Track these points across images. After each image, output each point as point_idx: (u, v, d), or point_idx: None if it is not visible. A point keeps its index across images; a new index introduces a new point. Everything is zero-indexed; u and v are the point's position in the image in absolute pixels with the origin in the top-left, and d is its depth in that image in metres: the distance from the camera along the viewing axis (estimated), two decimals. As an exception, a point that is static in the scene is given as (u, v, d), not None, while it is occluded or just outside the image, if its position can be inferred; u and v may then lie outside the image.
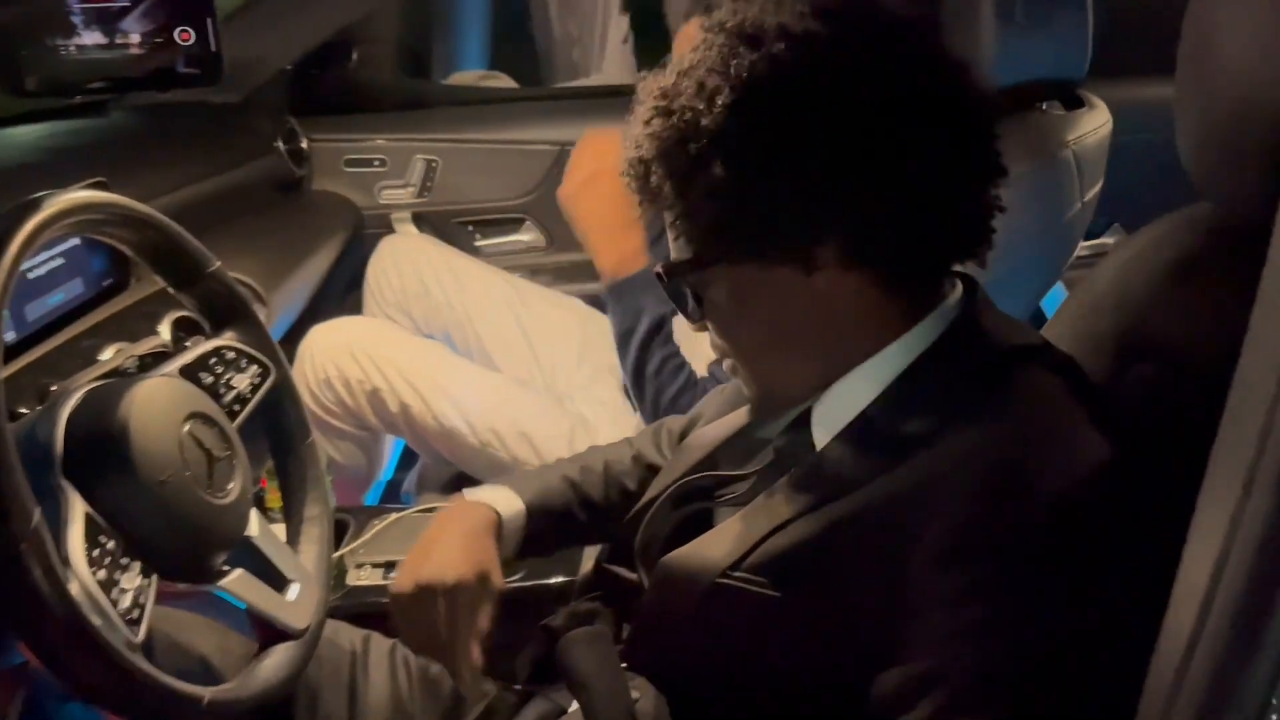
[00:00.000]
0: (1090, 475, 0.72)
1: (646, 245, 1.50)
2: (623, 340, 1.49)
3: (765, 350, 0.84)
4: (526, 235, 2.17)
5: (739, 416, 0.96)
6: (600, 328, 1.89)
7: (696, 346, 1.57)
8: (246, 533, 0.90)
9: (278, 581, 0.92)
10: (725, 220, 0.78)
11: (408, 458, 1.94)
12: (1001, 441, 0.73)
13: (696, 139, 0.76)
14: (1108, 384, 0.89)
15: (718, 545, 0.82)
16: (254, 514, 0.92)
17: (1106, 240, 2.11)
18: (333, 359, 1.68)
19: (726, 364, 0.88)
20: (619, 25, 2.87)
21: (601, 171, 1.52)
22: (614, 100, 2.21)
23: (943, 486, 0.72)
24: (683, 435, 1.06)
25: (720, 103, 0.75)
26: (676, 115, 0.77)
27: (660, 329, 1.49)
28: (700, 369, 1.47)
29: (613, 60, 2.90)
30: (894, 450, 0.77)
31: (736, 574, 0.79)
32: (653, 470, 1.06)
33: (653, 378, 1.46)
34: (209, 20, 1.43)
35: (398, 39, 2.36)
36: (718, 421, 0.99)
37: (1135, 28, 2.04)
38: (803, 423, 0.86)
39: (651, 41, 2.83)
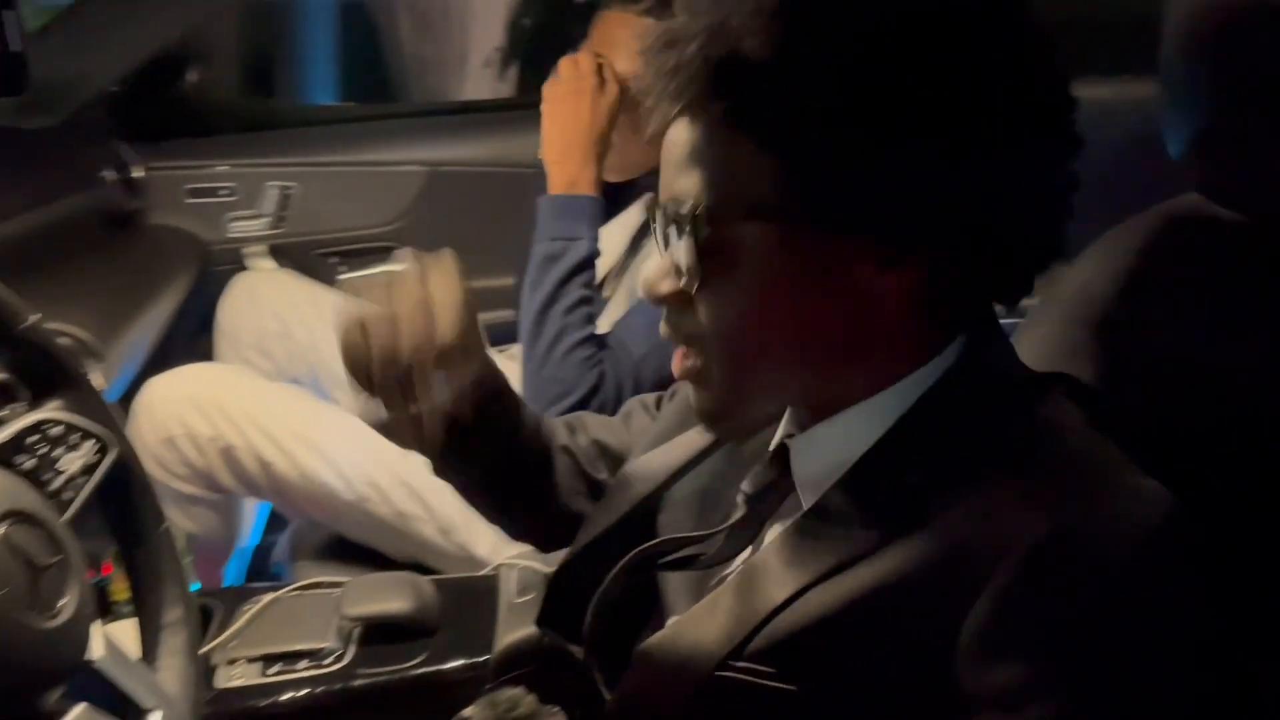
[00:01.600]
0: (1156, 523, 0.60)
1: (599, 182, 1.41)
2: (543, 265, 1.36)
3: (769, 348, 0.67)
4: (397, 265, 1.98)
5: (687, 445, 0.82)
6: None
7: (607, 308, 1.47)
8: (87, 657, 0.72)
9: (133, 713, 0.74)
10: (833, 166, 0.61)
11: (276, 519, 1.73)
12: (1044, 498, 0.61)
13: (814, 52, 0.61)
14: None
15: (709, 627, 0.68)
16: (96, 630, 0.74)
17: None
18: (176, 414, 1.47)
19: (685, 361, 0.71)
20: (481, 46, 2.74)
21: (595, 92, 1.42)
22: (489, 116, 2.15)
23: (980, 556, 0.60)
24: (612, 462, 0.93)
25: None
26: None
27: (587, 267, 1.36)
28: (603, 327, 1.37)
29: (476, 83, 2.76)
30: (909, 508, 0.64)
31: (739, 664, 0.65)
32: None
33: (559, 316, 1.34)
34: (3, 13, 1.14)
35: (240, 57, 2.15)
36: (663, 449, 0.85)
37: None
38: (778, 462, 0.73)
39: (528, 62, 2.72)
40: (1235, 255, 0.82)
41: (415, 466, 1.49)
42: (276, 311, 1.71)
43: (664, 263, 0.69)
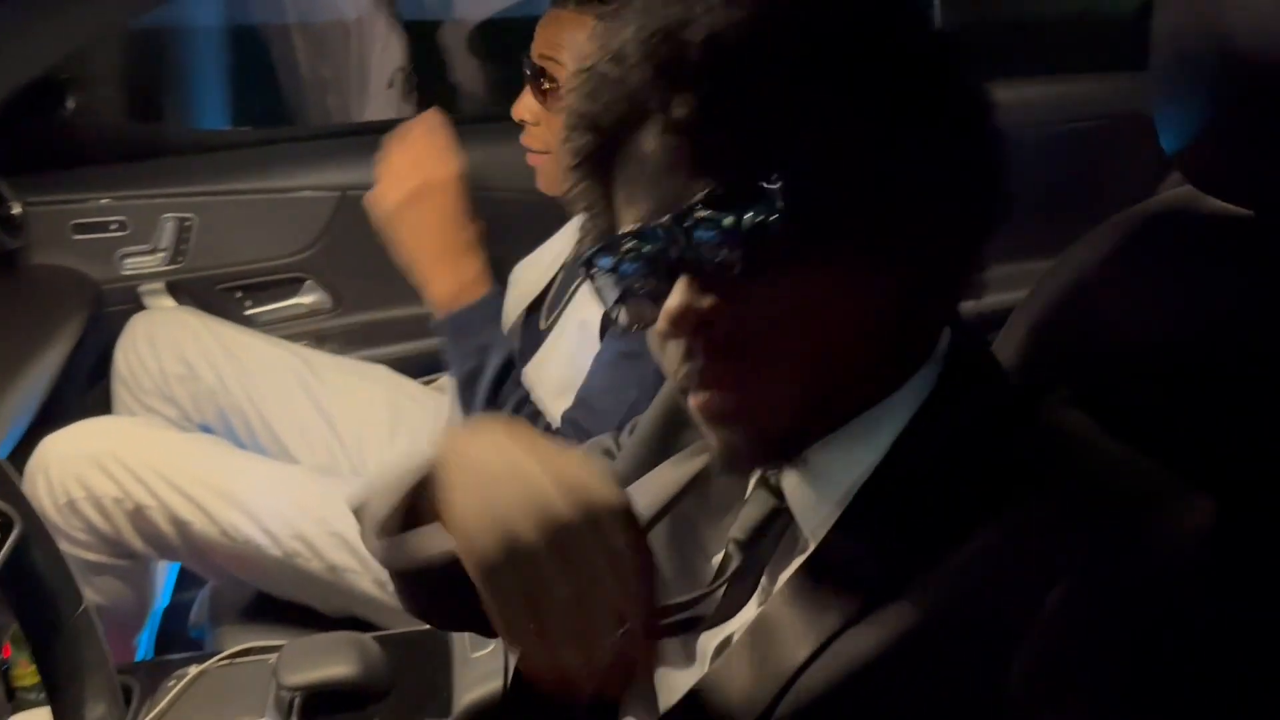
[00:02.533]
0: (1203, 534, 0.56)
1: (487, 271, 1.30)
2: (467, 383, 1.28)
3: (805, 356, 0.60)
4: (308, 297, 1.87)
5: (658, 489, 0.75)
6: (411, 394, 1.65)
7: (546, 396, 1.39)
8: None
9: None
10: (894, 164, 0.59)
11: (187, 576, 1.60)
12: (1079, 519, 0.56)
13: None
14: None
15: (730, 690, 0.61)
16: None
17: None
18: (76, 475, 1.34)
19: (720, 394, 0.61)
20: (382, 67, 2.63)
21: (432, 184, 1.32)
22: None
23: (1021, 585, 0.55)
24: None
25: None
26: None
27: (511, 367, 1.29)
28: (553, 417, 1.29)
29: (377, 105, 2.65)
30: (927, 537, 0.59)
31: None
32: None
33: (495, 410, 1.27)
34: None
35: (123, 81, 2.00)
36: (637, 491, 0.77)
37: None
38: (765, 501, 0.67)
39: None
40: (1228, 247, 0.81)
41: (345, 513, 1.39)
42: (180, 353, 1.58)
43: (687, 286, 0.60)
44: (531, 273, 1.55)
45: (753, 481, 0.70)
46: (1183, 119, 0.79)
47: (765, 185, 0.58)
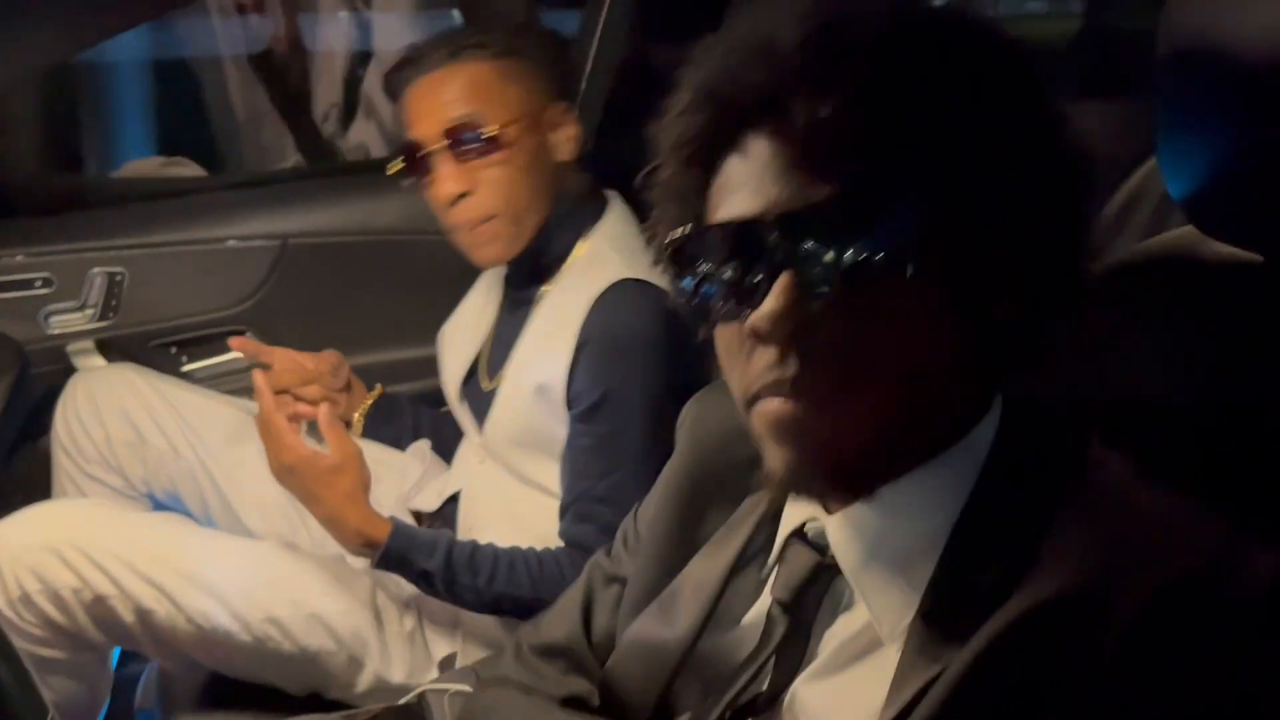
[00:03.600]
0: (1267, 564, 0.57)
1: (380, 519, 1.27)
2: (431, 590, 1.26)
3: (904, 377, 0.59)
4: (231, 356, 1.78)
5: (700, 587, 0.72)
6: (368, 451, 1.57)
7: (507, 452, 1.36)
8: None
9: None
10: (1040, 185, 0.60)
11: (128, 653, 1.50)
12: (1150, 551, 0.57)
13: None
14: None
15: None
16: None
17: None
18: (30, 566, 1.23)
19: (784, 401, 0.59)
20: (322, 100, 2.55)
21: (348, 465, 1.26)
22: (344, 180, 1.96)
23: (1092, 618, 0.55)
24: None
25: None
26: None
27: (459, 553, 1.25)
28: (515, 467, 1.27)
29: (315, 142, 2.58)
30: (991, 607, 0.58)
31: None
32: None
33: (486, 588, 1.25)
34: None
35: (42, 127, 1.90)
36: (661, 606, 0.74)
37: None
38: (805, 555, 0.65)
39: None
40: (1233, 291, 0.80)
41: (320, 588, 1.32)
42: (126, 416, 1.48)
43: (790, 287, 0.58)
44: (461, 335, 1.51)
45: (782, 535, 0.68)
46: (1188, 162, 0.78)
47: (893, 206, 0.57)
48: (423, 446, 1.56)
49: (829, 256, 0.57)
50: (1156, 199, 1.62)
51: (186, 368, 1.75)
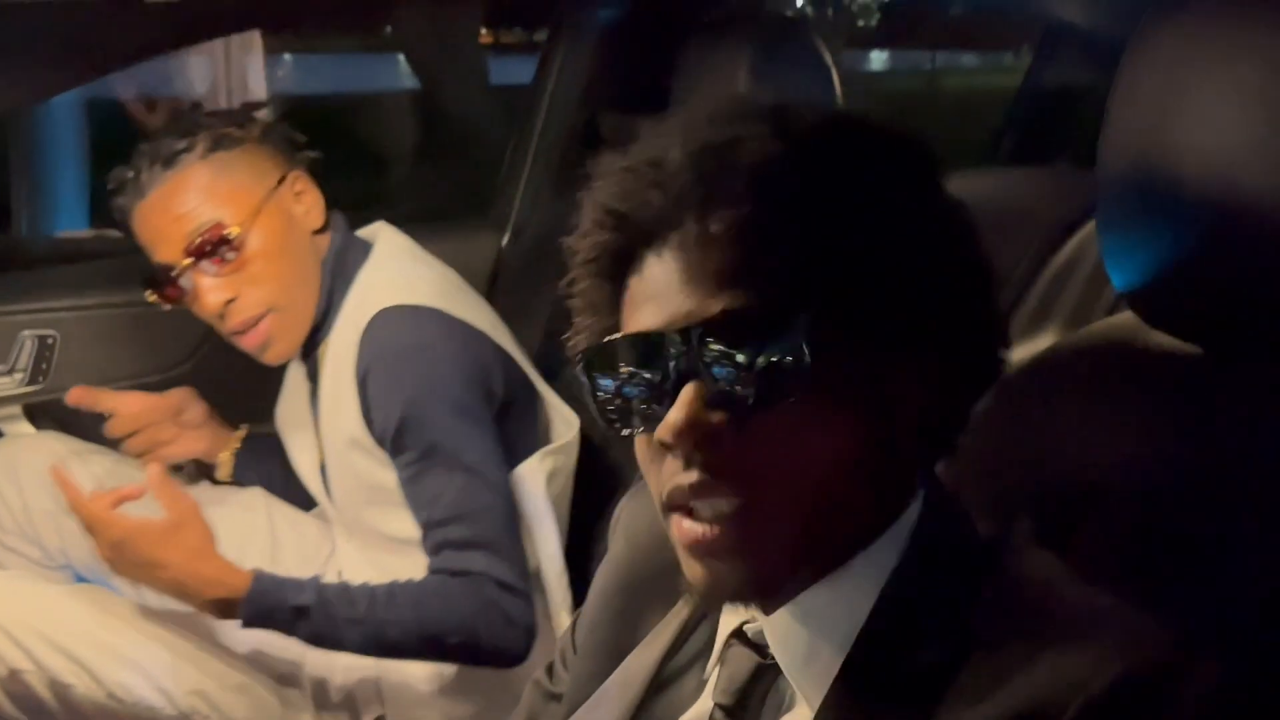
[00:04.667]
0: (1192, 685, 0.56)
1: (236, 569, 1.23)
2: (312, 634, 1.22)
3: (830, 470, 0.60)
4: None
5: (628, 680, 0.71)
6: (290, 520, 1.54)
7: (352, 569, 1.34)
8: None
9: None
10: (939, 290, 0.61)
11: None
12: (1085, 653, 0.57)
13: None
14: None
15: None
16: None
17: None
18: None
19: (707, 519, 0.60)
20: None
21: (187, 520, 1.23)
22: None
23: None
24: None
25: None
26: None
27: (323, 588, 1.23)
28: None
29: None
30: (926, 693, 0.58)
31: None
32: None
33: (368, 618, 1.22)
34: None
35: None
36: (591, 704, 0.73)
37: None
38: (743, 657, 0.65)
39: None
40: (1172, 382, 0.82)
41: (251, 659, 1.28)
42: (46, 486, 1.43)
43: (694, 400, 0.58)
44: (293, 418, 1.49)
45: (722, 636, 0.67)
46: (1130, 253, 0.80)
47: (789, 315, 0.58)
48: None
49: (730, 368, 0.59)
50: (1092, 265, 1.66)
51: (120, 433, 1.70)
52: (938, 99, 6.92)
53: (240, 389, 1.72)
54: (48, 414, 1.65)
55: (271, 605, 1.21)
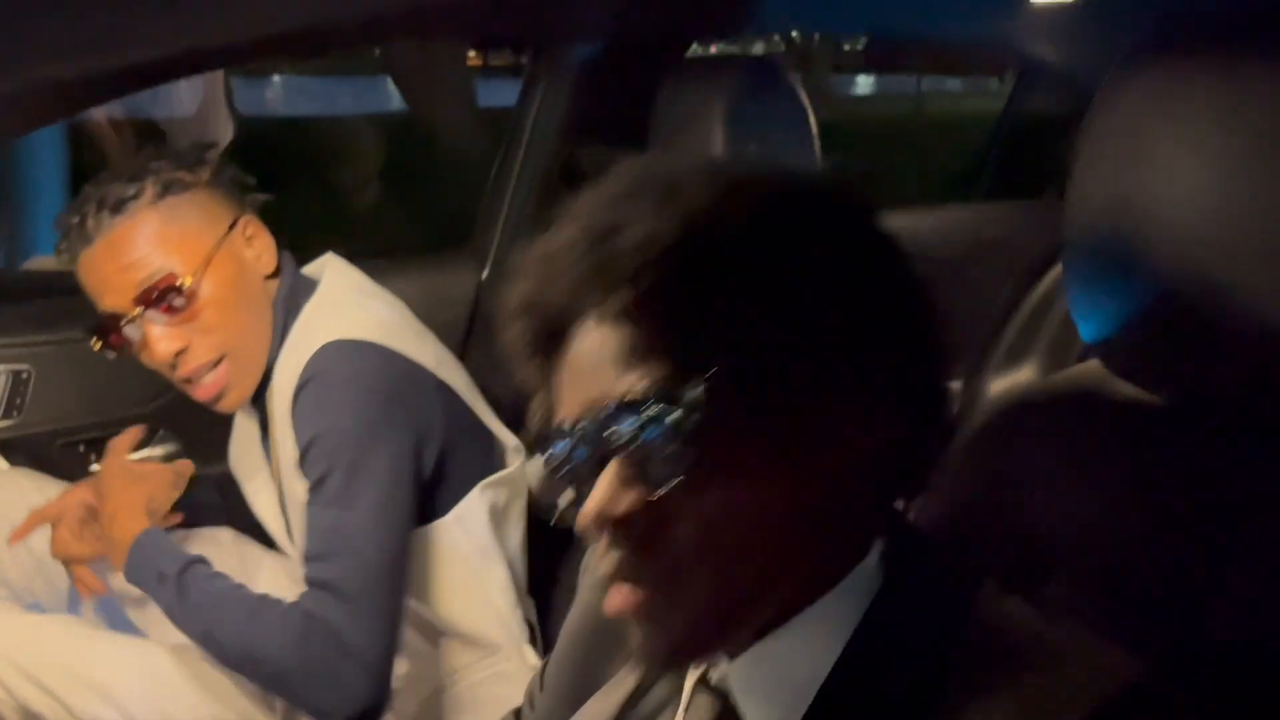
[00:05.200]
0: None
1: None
2: (165, 609, 1.25)
3: (749, 544, 0.60)
4: (159, 449, 1.73)
5: None
6: (256, 559, 1.53)
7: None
8: None
9: None
10: (822, 338, 0.59)
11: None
12: (1054, 694, 0.57)
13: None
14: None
15: None
16: None
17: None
18: None
19: (629, 594, 0.61)
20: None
21: (144, 473, 1.36)
22: None
23: None
24: None
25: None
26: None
27: (190, 568, 1.25)
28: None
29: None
30: None
31: None
32: None
33: (205, 612, 1.23)
34: None
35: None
36: None
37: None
38: (707, 705, 0.65)
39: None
40: (1137, 432, 0.82)
41: (219, 690, 1.26)
42: (13, 524, 1.42)
43: (610, 480, 0.60)
44: (248, 463, 1.48)
45: (689, 683, 0.67)
46: (1096, 304, 0.80)
47: (689, 387, 0.58)
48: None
49: (635, 451, 0.59)
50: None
51: (95, 466, 1.69)
52: (923, 123, 6.96)
53: (215, 423, 1.71)
54: (21, 449, 1.63)
55: (142, 561, 1.23)
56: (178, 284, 1.25)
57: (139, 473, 1.35)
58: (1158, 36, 0.77)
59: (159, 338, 1.26)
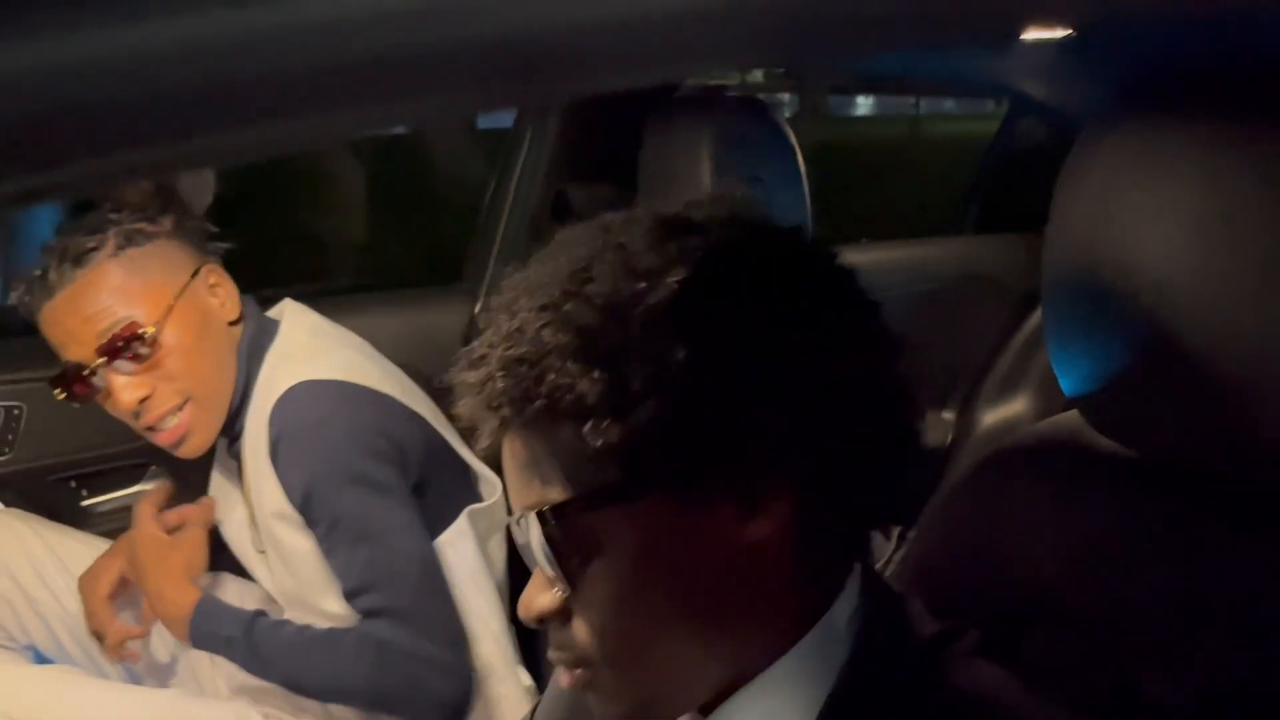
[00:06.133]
0: None
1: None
2: (242, 666, 1.27)
3: (659, 634, 0.63)
4: (152, 484, 1.72)
5: None
6: (259, 600, 1.53)
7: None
8: None
9: None
10: (671, 430, 0.58)
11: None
12: None
13: (633, 326, 0.59)
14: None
15: None
16: None
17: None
18: None
19: (573, 675, 0.65)
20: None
21: (179, 542, 1.37)
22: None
23: None
24: None
25: (671, 281, 0.59)
26: (603, 298, 0.59)
27: (255, 623, 1.28)
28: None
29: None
30: None
31: None
32: None
33: (285, 664, 1.27)
34: None
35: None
36: None
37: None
38: None
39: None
40: (1112, 484, 0.82)
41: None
42: (7, 568, 1.43)
43: (537, 577, 0.65)
44: (223, 507, 1.49)
45: None
46: (1073, 358, 0.80)
47: (560, 505, 0.61)
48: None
49: (542, 553, 0.62)
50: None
51: (86, 502, 1.69)
52: (921, 145, 6.99)
53: (206, 457, 1.71)
54: (11, 485, 1.63)
55: (206, 632, 1.26)
56: (140, 333, 1.27)
57: (172, 541, 1.36)
58: (1134, 89, 0.78)
59: (123, 386, 1.27)
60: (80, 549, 1.48)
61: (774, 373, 0.59)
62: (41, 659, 1.45)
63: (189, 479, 1.72)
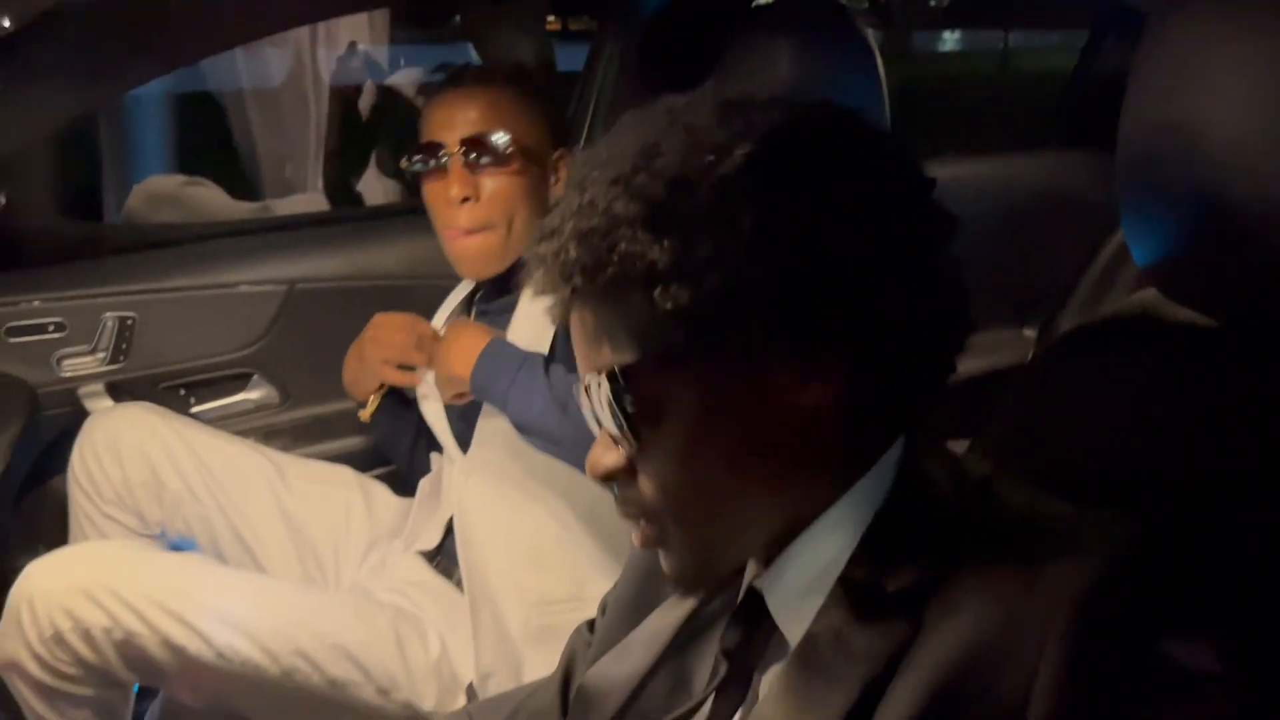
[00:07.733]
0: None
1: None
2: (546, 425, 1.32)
3: (722, 487, 0.66)
4: (255, 393, 1.83)
5: (647, 644, 0.77)
6: (381, 499, 1.61)
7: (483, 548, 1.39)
8: None
9: None
10: (737, 294, 0.61)
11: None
12: (1061, 558, 0.61)
13: (702, 197, 0.61)
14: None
15: None
16: None
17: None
18: (64, 606, 1.25)
19: (646, 531, 0.69)
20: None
21: (467, 329, 1.45)
22: (350, 227, 1.97)
23: (1018, 631, 0.59)
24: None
25: (738, 154, 0.62)
26: (672, 171, 0.62)
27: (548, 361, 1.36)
28: None
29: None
30: (908, 613, 0.62)
31: None
32: None
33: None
34: None
35: (56, 175, 1.95)
36: (618, 654, 0.79)
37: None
38: (750, 608, 0.70)
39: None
40: (1194, 357, 0.83)
41: (342, 622, 1.35)
42: (146, 458, 1.51)
43: (602, 438, 0.69)
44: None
45: (744, 589, 0.72)
46: (1150, 228, 0.81)
47: (623, 370, 0.64)
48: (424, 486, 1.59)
49: (610, 413, 0.65)
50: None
51: (194, 409, 1.79)
52: (1009, 80, 6.78)
53: (306, 368, 1.81)
54: (127, 391, 1.73)
55: (494, 365, 1.37)
56: (498, 145, 1.41)
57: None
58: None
59: (457, 179, 1.41)
60: (209, 440, 1.56)
61: (836, 242, 0.62)
62: (174, 547, 1.54)
63: (290, 391, 1.82)
